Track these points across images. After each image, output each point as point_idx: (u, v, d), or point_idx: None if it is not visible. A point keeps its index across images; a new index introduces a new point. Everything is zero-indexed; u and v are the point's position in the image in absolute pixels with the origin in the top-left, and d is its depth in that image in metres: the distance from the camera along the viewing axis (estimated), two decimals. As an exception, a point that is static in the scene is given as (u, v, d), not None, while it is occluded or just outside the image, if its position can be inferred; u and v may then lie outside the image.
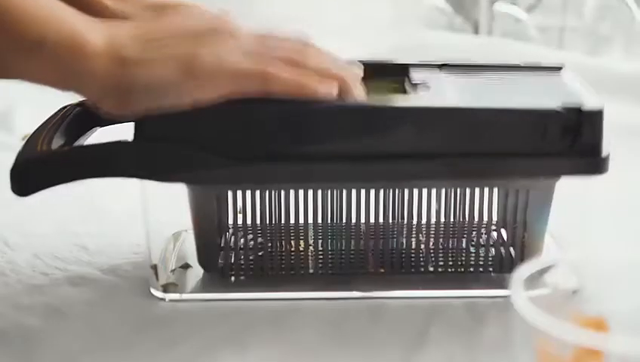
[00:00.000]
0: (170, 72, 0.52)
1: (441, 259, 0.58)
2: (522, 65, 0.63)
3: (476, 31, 1.44)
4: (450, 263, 0.58)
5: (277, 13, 1.44)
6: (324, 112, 0.54)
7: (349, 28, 1.37)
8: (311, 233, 0.58)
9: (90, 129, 0.61)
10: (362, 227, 0.59)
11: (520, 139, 0.54)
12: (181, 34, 0.54)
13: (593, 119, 0.54)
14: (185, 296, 0.58)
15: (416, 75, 0.60)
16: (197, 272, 0.60)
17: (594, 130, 0.54)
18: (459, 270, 0.59)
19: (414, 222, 0.58)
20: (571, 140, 0.54)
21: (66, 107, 0.61)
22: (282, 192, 0.58)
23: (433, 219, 0.57)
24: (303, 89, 0.53)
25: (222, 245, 0.59)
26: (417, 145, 0.54)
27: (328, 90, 0.54)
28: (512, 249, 0.58)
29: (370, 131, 0.54)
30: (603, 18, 1.32)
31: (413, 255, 0.59)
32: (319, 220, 0.57)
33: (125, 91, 0.52)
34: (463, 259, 0.59)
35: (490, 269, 0.58)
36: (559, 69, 0.63)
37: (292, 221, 0.58)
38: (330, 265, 0.59)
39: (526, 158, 0.54)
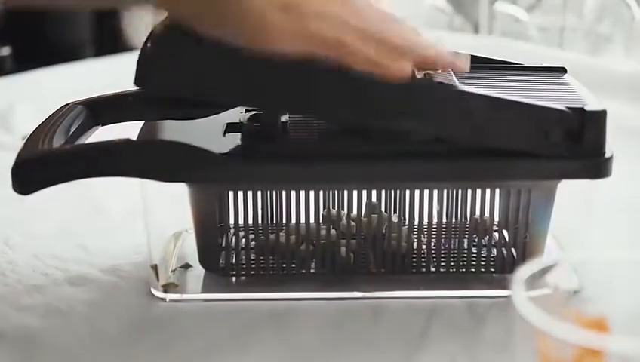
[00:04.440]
0: (255, 7, 0.51)
1: (442, 259, 0.58)
2: (525, 65, 0.63)
3: (476, 31, 1.44)
4: (452, 264, 0.58)
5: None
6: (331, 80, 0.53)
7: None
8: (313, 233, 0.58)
9: (92, 128, 0.61)
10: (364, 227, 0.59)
11: (522, 139, 0.54)
12: None
13: (596, 120, 0.53)
14: (185, 296, 0.58)
15: None
16: (197, 272, 0.60)
17: (597, 132, 0.54)
18: (460, 270, 0.58)
19: (416, 222, 0.58)
20: (574, 141, 0.53)
21: (66, 105, 0.61)
22: (283, 192, 0.58)
23: (435, 220, 0.57)
24: (375, 66, 0.52)
25: (223, 245, 0.59)
26: (416, 126, 0.54)
27: (401, 70, 0.52)
28: (513, 249, 0.58)
29: (372, 104, 0.53)
30: (603, 18, 1.32)
31: (414, 255, 0.59)
32: (320, 220, 0.58)
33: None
34: (465, 259, 0.59)
35: (492, 270, 0.58)
36: (562, 70, 0.62)
37: (293, 221, 0.58)
38: (331, 265, 0.58)
39: (528, 160, 0.54)
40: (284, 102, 0.54)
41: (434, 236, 0.58)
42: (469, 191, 0.57)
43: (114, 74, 0.58)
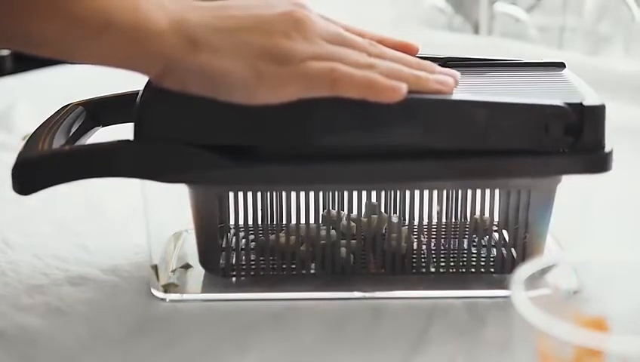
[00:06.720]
0: (240, 69, 0.51)
1: (442, 259, 0.58)
2: (523, 61, 0.63)
3: (476, 31, 1.43)
4: (452, 264, 0.58)
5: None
6: (326, 108, 0.54)
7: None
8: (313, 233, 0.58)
9: (92, 128, 0.61)
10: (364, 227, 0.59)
11: (522, 137, 0.54)
12: (255, 24, 0.53)
13: (595, 115, 0.53)
14: (185, 296, 0.58)
15: None
16: (198, 272, 0.60)
17: (596, 126, 0.54)
18: (460, 271, 0.58)
19: (416, 222, 0.58)
20: (574, 136, 0.53)
21: (67, 106, 0.61)
22: (283, 193, 0.58)
23: (435, 220, 0.57)
24: (370, 90, 0.52)
25: (223, 246, 0.59)
26: (416, 141, 0.54)
27: (395, 90, 0.52)
28: (513, 249, 0.58)
29: (369, 126, 0.53)
30: (603, 18, 1.32)
31: (414, 255, 0.59)
32: (320, 220, 0.58)
33: (190, 72, 0.52)
34: (465, 259, 0.59)
35: (492, 270, 0.58)
36: (561, 65, 0.62)
37: (293, 221, 0.58)
38: (331, 265, 0.58)
39: (528, 156, 0.54)
40: (285, 139, 0.54)
41: (434, 236, 0.58)
42: (469, 191, 0.57)
43: (114, 75, 0.57)
